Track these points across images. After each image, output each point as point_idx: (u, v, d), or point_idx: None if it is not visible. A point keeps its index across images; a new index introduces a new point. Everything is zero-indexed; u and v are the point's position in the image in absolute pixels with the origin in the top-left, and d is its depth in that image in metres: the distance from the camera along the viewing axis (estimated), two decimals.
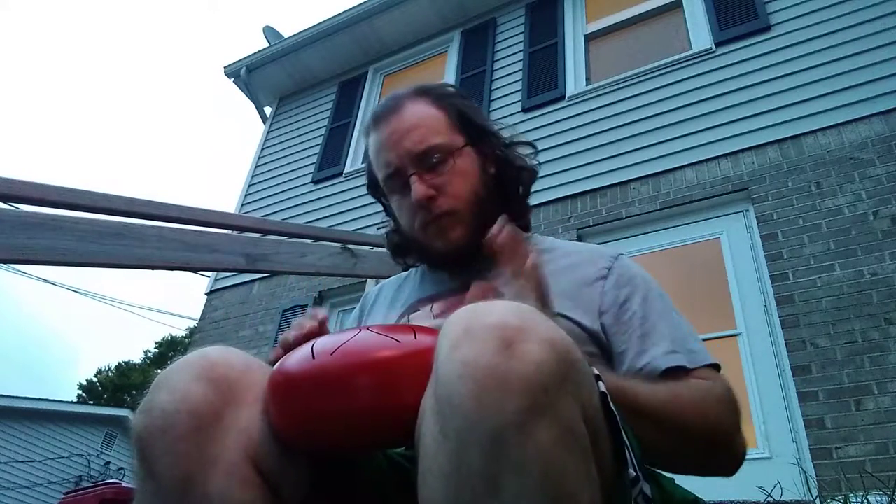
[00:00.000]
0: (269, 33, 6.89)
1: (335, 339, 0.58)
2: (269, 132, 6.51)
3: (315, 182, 5.66)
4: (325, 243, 2.75)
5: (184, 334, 20.43)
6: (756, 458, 2.76)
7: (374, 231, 2.81)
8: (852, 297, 2.97)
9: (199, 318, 5.50)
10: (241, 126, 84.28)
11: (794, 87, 3.76)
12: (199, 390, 0.55)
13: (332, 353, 0.56)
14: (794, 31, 3.97)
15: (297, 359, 0.58)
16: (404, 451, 0.72)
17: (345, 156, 5.64)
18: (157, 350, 26.15)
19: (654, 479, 0.70)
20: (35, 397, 12.14)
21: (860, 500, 1.82)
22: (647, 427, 0.66)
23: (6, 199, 1.84)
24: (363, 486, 0.66)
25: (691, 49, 4.36)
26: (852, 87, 3.59)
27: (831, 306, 3.00)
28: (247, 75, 6.53)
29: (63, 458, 11.94)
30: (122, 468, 12.26)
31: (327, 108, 6.21)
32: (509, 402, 0.42)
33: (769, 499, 1.79)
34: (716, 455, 0.73)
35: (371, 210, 4.38)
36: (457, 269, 0.91)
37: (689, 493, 0.75)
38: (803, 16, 3.99)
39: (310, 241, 2.75)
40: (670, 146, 3.97)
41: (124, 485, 4.01)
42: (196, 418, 0.53)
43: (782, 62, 3.89)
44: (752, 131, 3.75)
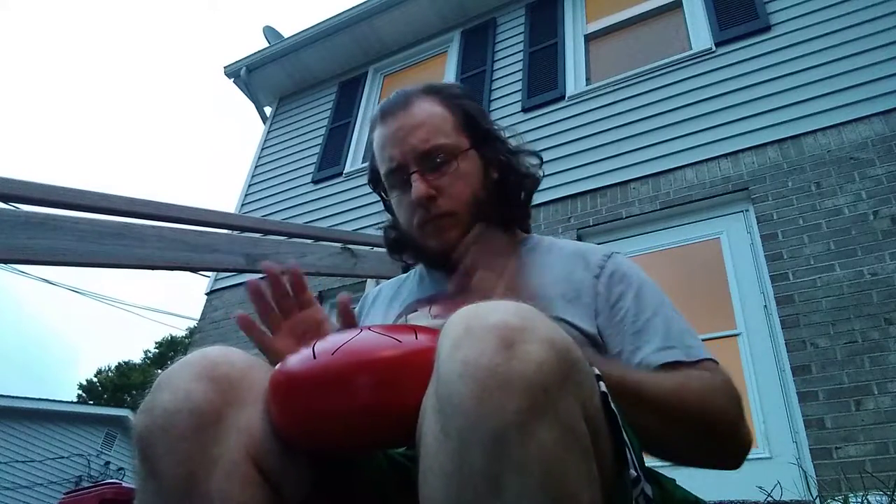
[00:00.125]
0: (269, 33, 6.89)
1: (336, 338, 0.58)
2: (269, 132, 6.51)
3: (315, 182, 5.66)
4: (325, 243, 2.75)
5: (184, 334, 20.45)
6: (756, 458, 2.76)
7: (374, 231, 2.81)
8: (852, 297, 2.97)
9: (199, 318, 5.50)
10: (241, 126, 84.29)
11: (794, 87, 3.76)
12: (200, 390, 0.55)
13: (334, 353, 0.56)
14: (794, 31, 3.98)
15: (299, 358, 0.58)
16: (405, 450, 0.72)
17: (345, 156, 5.63)
18: (157, 350, 26.17)
19: (655, 479, 0.70)
20: (35, 397, 12.16)
21: (860, 501, 1.82)
22: (652, 417, 0.66)
23: (6, 199, 1.84)
24: (363, 486, 0.66)
25: (691, 49, 4.36)
26: (852, 87, 3.59)
27: (831, 306, 3.00)
28: (247, 75, 6.54)
29: (63, 458, 11.94)
30: (122, 468, 12.27)
31: (327, 108, 6.21)
32: (510, 401, 0.42)
33: (769, 499, 1.79)
34: (722, 444, 0.73)
35: (371, 210, 4.37)
36: (453, 269, 0.92)
37: (690, 493, 0.75)
38: (803, 16, 4.00)
39: (310, 241, 2.75)
40: (670, 146, 3.97)
41: (124, 485, 4.00)
42: (198, 418, 0.53)
43: (782, 62, 3.89)
44: (752, 131, 3.75)
